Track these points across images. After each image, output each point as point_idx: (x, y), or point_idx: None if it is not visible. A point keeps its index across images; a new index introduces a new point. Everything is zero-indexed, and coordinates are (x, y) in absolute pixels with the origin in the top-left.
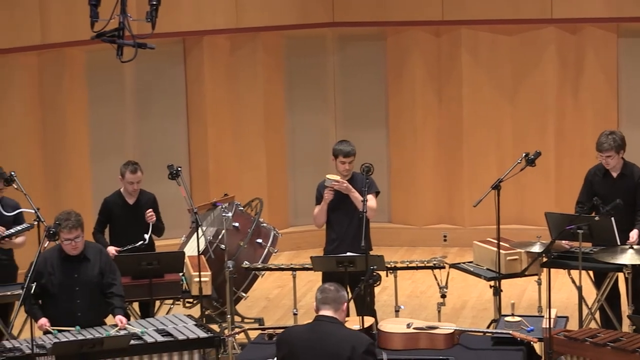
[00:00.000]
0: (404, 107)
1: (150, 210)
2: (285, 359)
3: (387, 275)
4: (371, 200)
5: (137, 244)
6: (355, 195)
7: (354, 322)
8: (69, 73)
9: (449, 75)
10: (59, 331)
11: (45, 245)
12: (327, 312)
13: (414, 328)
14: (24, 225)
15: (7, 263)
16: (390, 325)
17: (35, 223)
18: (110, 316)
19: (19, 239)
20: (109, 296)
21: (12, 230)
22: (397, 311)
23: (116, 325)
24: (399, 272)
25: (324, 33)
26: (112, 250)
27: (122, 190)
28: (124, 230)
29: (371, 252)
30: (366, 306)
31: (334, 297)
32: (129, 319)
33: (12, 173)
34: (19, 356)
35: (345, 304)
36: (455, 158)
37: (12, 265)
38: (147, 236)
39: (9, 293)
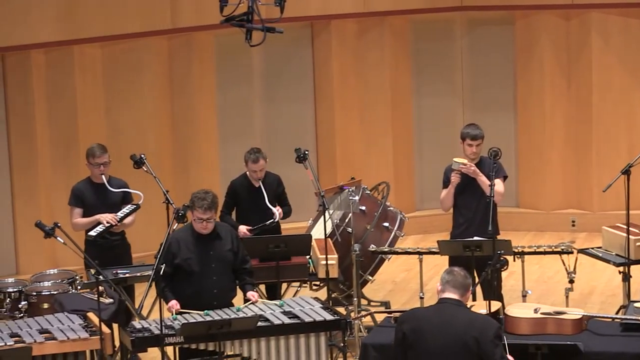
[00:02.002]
0: (532, 91)
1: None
2: (410, 340)
3: (514, 260)
4: (499, 185)
5: (268, 222)
6: (483, 179)
7: (480, 307)
8: (198, 57)
9: (579, 60)
10: (182, 314)
11: (175, 227)
12: (452, 295)
13: (542, 313)
14: (132, 207)
15: (119, 243)
16: (517, 310)
17: (141, 202)
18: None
19: (128, 219)
20: (242, 271)
21: (121, 214)
22: (524, 296)
23: (248, 300)
24: (526, 256)
25: (452, 17)
26: (243, 229)
27: (248, 173)
28: (250, 211)
29: (498, 237)
30: (493, 291)
31: (463, 282)
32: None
33: (142, 156)
34: (148, 336)
35: (470, 292)
36: (584, 142)
37: (125, 245)
38: (277, 213)
39: (138, 274)
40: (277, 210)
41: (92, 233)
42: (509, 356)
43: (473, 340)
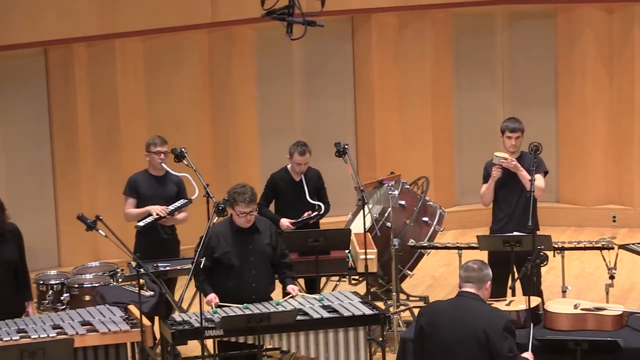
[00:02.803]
0: (574, 85)
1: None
2: (426, 332)
3: (554, 256)
4: (539, 180)
5: (313, 214)
6: (523, 174)
7: (520, 302)
8: (239, 51)
9: (621, 54)
10: (222, 307)
11: (215, 221)
12: (469, 288)
13: (582, 309)
14: (184, 201)
15: (170, 238)
16: (557, 305)
17: (194, 197)
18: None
19: (181, 215)
20: (282, 265)
21: (171, 207)
22: (564, 292)
23: (287, 294)
24: (566, 252)
25: (493, 11)
26: (286, 222)
27: (289, 167)
28: (289, 205)
29: (538, 232)
30: (532, 286)
31: (477, 276)
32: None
33: (183, 149)
34: (188, 329)
35: (489, 282)
36: (626, 137)
37: (174, 240)
38: (322, 205)
39: (178, 267)
40: (306, 213)
41: (140, 223)
42: (527, 355)
43: (482, 333)
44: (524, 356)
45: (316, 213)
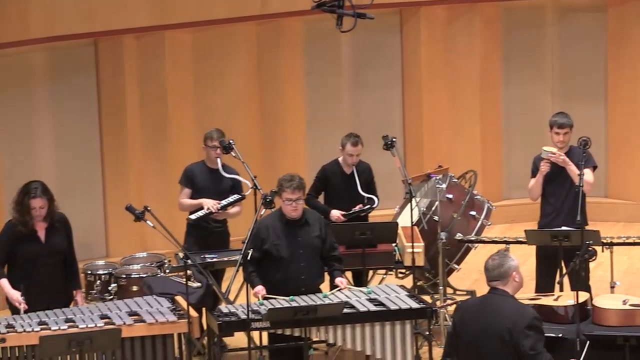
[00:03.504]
0: (624, 80)
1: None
2: (457, 328)
3: (602, 251)
4: (588, 175)
5: (365, 207)
6: (572, 169)
7: (568, 297)
8: (287, 43)
9: None
10: (268, 299)
11: (262, 213)
12: (496, 285)
13: (630, 305)
14: (236, 197)
15: (220, 230)
16: (605, 301)
17: (247, 194)
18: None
19: (234, 210)
20: (331, 258)
21: (224, 202)
22: (612, 287)
23: (335, 286)
24: (615, 247)
25: (543, 4)
26: (337, 214)
27: (340, 159)
28: (339, 198)
29: (587, 227)
30: (581, 281)
31: (499, 273)
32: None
33: (231, 141)
34: (235, 321)
35: (514, 272)
36: None
37: (225, 232)
38: (376, 199)
39: (225, 259)
40: (358, 206)
41: (192, 217)
42: None
43: (506, 331)
44: None
45: (369, 206)
